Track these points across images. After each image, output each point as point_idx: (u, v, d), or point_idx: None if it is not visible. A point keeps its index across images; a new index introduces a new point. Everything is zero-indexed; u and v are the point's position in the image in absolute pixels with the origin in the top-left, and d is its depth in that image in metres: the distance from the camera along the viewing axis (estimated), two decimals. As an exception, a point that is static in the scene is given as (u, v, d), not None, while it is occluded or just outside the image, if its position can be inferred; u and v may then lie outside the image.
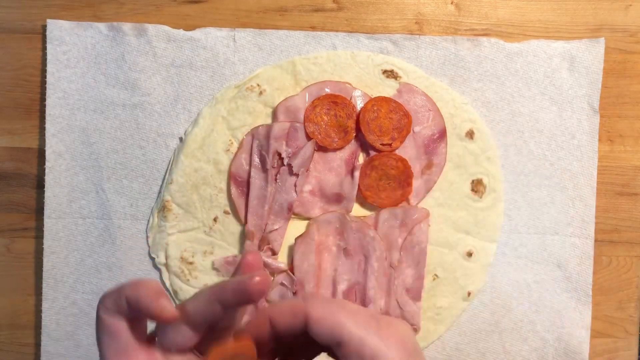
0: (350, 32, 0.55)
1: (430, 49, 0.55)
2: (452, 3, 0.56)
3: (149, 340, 0.32)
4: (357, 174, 0.53)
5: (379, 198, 0.53)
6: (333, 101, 0.53)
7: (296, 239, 0.53)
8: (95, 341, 0.56)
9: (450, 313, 0.55)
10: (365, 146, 0.54)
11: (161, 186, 0.54)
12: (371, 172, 0.53)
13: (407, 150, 0.54)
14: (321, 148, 0.53)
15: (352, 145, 0.54)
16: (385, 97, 0.53)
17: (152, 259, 0.55)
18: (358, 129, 0.53)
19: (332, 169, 0.53)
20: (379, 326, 0.34)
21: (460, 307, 0.55)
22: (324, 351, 0.35)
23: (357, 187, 0.53)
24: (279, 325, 0.34)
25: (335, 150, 0.54)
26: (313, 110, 0.53)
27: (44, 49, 0.54)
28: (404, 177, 0.53)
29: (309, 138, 0.53)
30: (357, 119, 0.53)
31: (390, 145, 0.53)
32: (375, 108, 0.53)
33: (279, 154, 0.53)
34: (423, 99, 0.54)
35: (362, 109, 0.53)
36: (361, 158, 0.54)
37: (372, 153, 0.53)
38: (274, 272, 0.54)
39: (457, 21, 0.56)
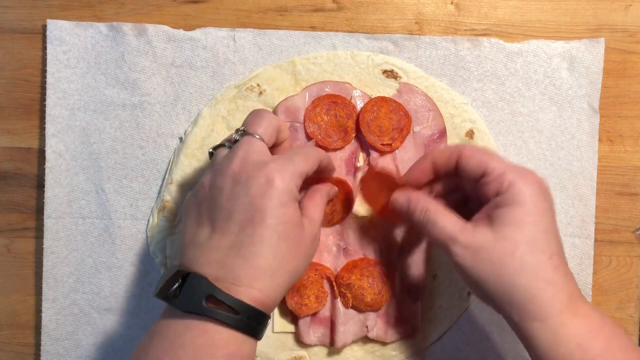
0: (350, 32, 0.55)
1: (430, 49, 0.55)
2: (452, 3, 0.56)
3: None
4: (359, 174, 0.53)
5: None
6: (333, 101, 0.53)
7: (296, 239, 0.53)
8: (95, 341, 0.57)
9: (450, 313, 0.55)
10: (365, 146, 0.54)
11: (161, 186, 0.54)
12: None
13: (407, 150, 0.54)
14: (321, 148, 0.53)
15: (352, 145, 0.54)
16: (385, 97, 0.53)
17: (152, 259, 0.55)
18: (358, 129, 0.53)
19: (336, 155, 0.53)
20: (519, 168, 0.42)
21: (460, 307, 0.55)
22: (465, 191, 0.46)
23: (358, 187, 0.53)
24: (439, 163, 0.45)
25: (335, 150, 0.53)
26: (313, 110, 0.53)
27: (44, 49, 0.54)
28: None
29: (309, 138, 0.53)
30: (357, 119, 0.53)
31: (390, 145, 0.53)
32: (375, 108, 0.53)
33: (279, 154, 0.53)
34: (423, 99, 0.54)
35: (361, 109, 0.53)
36: (361, 158, 0.54)
37: (372, 153, 0.53)
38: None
39: (457, 21, 0.56)
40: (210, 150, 0.44)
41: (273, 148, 0.46)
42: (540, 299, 0.40)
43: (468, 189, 0.46)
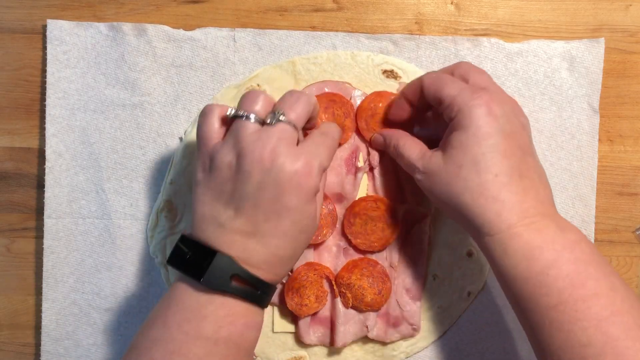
0: (350, 32, 0.55)
1: (430, 49, 0.55)
2: (452, 3, 0.56)
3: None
4: (360, 174, 0.53)
5: (370, 242, 0.53)
6: (331, 99, 0.53)
7: (296, 239, 0.53)
8: (95, 341, 0.57)
9: (450, 313, 0.55)
10: (365, 145, 0.54)
11: (161, 186, 0.54)
12: (355, 219, 0.53)
13: (407, 150, 0.54)
14: None
15: (352, 145, 0.54)
16: (381, 92, 0.53)
17: (152, 259, 0.55)
18: (357, 129, 0.53)
19: (332, 169, 0.53)
20: (471, 91, 0.43)
21: (460, 307, 0.55)
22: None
23: (358, 188, 0.53)
24: (410, 97, 0.48)
25: None
26: None
27: (44, 49, 0.54)
28: (387, 215, 0.53)
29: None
30: (355, 117, 0.53)
31: None
32: (372, 105, 0.53)
33: (279, 154, 0.52)
34: (423, 99, 0.54)
35: (358, 107, 0.53)
36: (361, 158, 0.54)
37: (372, 152, 0.53)
38: (274, 272, 0.54)
39: (457, 21, 0.56)
40: (234, 112, 0.42)
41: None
42: (486, 216, 0.42)
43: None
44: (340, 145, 0.53)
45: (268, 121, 0.42)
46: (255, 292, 0.41)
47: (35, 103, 0.55)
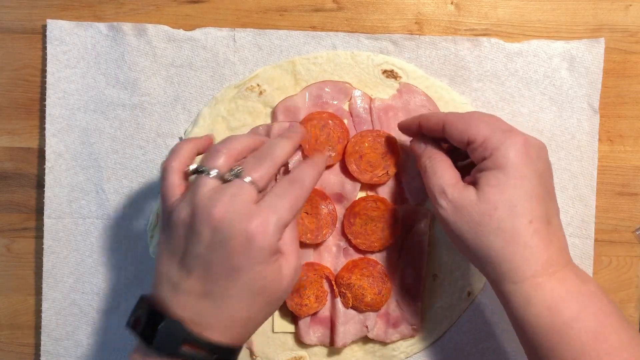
0: (350, 32, 0.55)
1: (430, 49, 0.55)
2: (452, 3, 0.56)
3: None
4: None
5: (370, 242, 0.53)
6: (331, 119, 0.52)
7: (296, 239, 0.53)
8: (95, 341, 0.57)
9: (450, 313, 0.55)
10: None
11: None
12: (355, 219, 0.53)
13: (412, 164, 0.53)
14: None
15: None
16: (363, 132, 0.52)
17: (152, 259, 0.55)
18: (348, 171, 0.52)
19: (332, 169, 0.53)
20: (507, 129, 0.42)
21: (460, 307, 0.55)
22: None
23: (358, 188, 0.53)
24: (425, 128, 0.46)
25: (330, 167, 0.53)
26: (309, 122, 0.52)
27: (44, 49, 0.54)
28: (388, 215, 0.52)
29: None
30: (345, 162, 0.52)
31: (387, 173, 0.52)
32: (357, 148, 0.52)
33: (279, 154, 0.52)
34: (423, 99, 0.54)
35: (345, 152, 0.52)
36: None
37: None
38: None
39: (457, 21, 0.56)
40: (193, 168, 0.42)
41: None
42: (514, 262, 0.40)
43: None
44: (326, 168, 0.52)
45: (226, 177, 0.40)
46: (210, 356, 0.38)
47: (35, 103, 0.55)
